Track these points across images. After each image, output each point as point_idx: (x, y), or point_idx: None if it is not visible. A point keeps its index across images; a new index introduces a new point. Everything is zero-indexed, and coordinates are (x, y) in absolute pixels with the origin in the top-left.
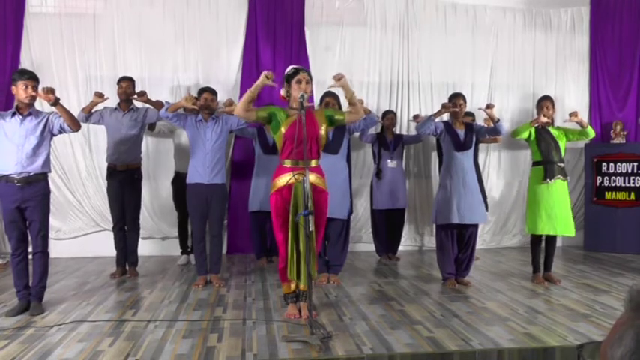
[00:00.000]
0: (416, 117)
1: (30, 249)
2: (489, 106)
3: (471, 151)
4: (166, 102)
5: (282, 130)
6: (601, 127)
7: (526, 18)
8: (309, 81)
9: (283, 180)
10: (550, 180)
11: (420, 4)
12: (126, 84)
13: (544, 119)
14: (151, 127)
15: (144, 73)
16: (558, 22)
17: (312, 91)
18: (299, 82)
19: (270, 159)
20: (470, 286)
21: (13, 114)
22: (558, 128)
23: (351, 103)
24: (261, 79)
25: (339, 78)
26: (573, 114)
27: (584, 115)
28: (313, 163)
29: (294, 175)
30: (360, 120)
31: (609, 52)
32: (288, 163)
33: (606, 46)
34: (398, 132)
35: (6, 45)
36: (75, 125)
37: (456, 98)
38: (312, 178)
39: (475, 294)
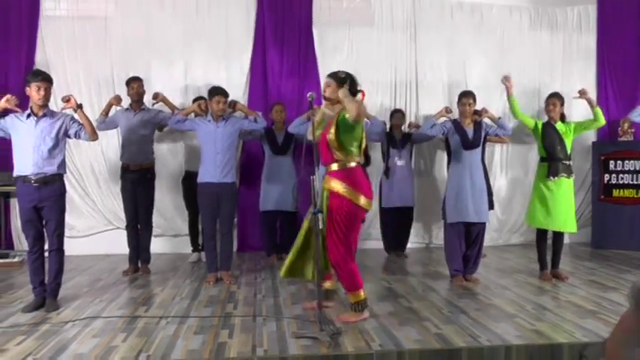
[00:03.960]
0: (410, 125)
1: (46, 247)
2: (481, 113)
3: (478, 150)
4: (176, 110)
5: None
6: (608, 124)
7: (532, 16)
8: (329, 83)
9: None
10: (554, 177)
11: (426, 3)
12: (137, 84)
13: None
14: (160, 127)
15: (154, 75)
16: (564, 20)
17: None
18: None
19: (279, 159)
20: (477, 283)
21: (28, 115)
22: (568, 124)
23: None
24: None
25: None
26: (582, 91)
27: (591, 113)
28: (334, 167)
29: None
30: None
31: (616, 49)
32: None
33: (613, 44)
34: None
35: (21, 47)
36: (93, 135)
37: (466, 97)
38: (330, 183)
39: (483, 291)
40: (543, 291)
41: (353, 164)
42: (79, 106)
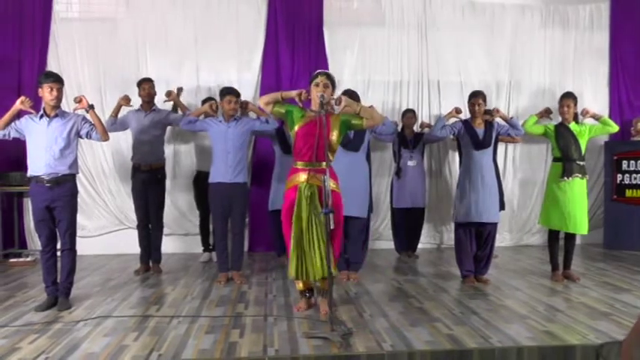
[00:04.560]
0: (422, 125)
1: (58, 246)
2: (492, 114)
3: (489, 150)
4: (187, 112)
5: (296, 128)
6: (621, 124)
7: (544, 15)
8: (328, 85)
9: (294, 181)
10: (568, 178)
11: (437, 3)
12: (148, 85)
13: (545, 113)
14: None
15: (165, 76)
16: (576, 18)
17: (333, 94)
18: (317, 85)
19: (290, 159)
20: (489, 284)
21: (41, 116)
22: (582, 124)
23: (362, 115)
24: (295, 93)
25: (339, 104)
26: (584, 111)
27: (604, 113)
28: (323, 165)
29: (309, 176)
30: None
31: (629, 48)
32: (299, 165)
33: (626, 43)
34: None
35: (34, 49)
36: (105, 135)
37: (475, 97)
38: (320, 179)
39: (494, 292)
40: (555, 292)
41: None
42: (91, 107)
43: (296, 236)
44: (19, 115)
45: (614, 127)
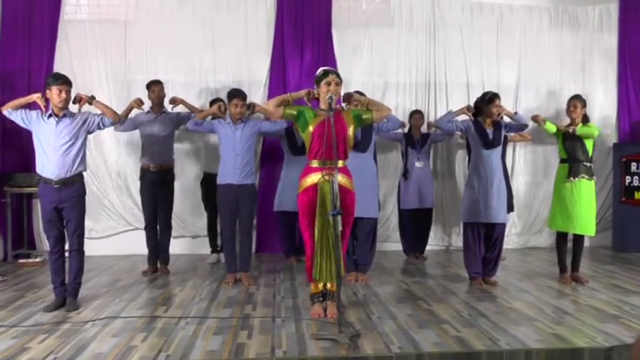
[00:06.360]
0: (429, 125)
1: (66, 247)
2: (499, 113)
3: (498, 149)
4: (193, 115)
5: (310, 128)
6: (630, 125)
7: (552, 16)
8: (339, 83)
9: (310, 180)
10: (574, 178)
11: (445, 4)
12: (158, 88)
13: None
14: (177, 125)
15: (174, 77)
16: (585, 19)
17: (340, 93)
18: (328, 84)
19: (298, 159)
20: (497, 286)
21: (49, 116)
22: (589, 126)
23: (371, 107)
24: (304, 92)
25: (347, 100)
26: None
27: (612, 114)
28: (340, 164)
29: (323, 175)
30: (386, 121)
31: (638, 49)
32: (315, 163)
33: (635, 44)
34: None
35: (42, 51)
36: (115, 116)
37: (494, 101)
38: (339, 178)
39: (502, 294)
40: (563, 294)
41: None
42: (92, 98)
43: (319, 235)
44: (30, 107)
45: (595, 133)
